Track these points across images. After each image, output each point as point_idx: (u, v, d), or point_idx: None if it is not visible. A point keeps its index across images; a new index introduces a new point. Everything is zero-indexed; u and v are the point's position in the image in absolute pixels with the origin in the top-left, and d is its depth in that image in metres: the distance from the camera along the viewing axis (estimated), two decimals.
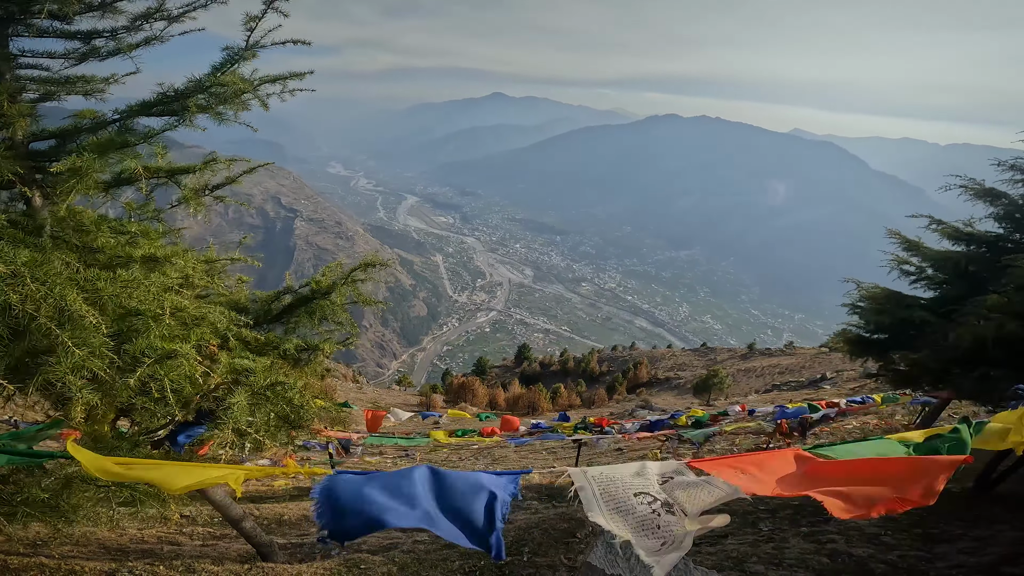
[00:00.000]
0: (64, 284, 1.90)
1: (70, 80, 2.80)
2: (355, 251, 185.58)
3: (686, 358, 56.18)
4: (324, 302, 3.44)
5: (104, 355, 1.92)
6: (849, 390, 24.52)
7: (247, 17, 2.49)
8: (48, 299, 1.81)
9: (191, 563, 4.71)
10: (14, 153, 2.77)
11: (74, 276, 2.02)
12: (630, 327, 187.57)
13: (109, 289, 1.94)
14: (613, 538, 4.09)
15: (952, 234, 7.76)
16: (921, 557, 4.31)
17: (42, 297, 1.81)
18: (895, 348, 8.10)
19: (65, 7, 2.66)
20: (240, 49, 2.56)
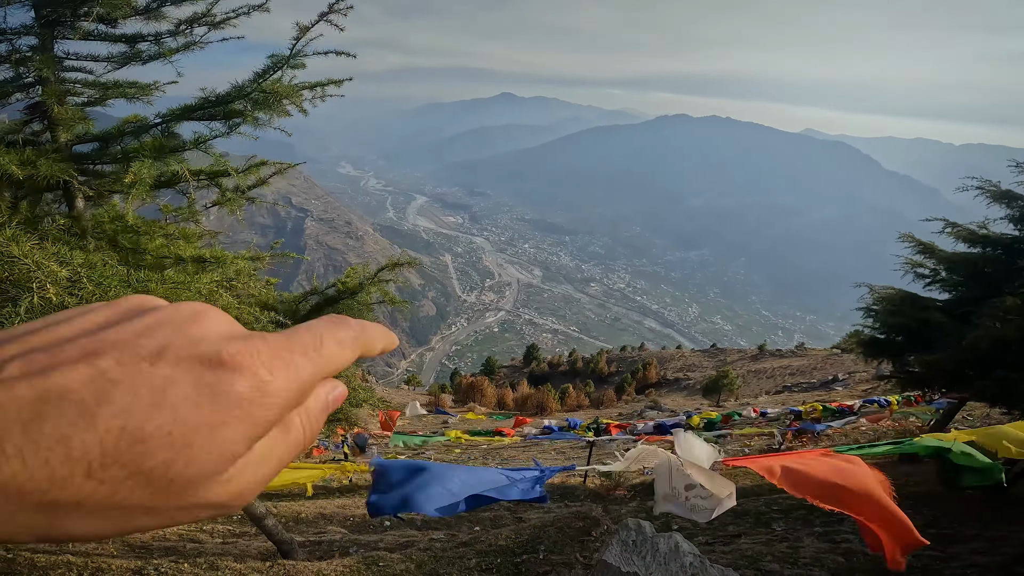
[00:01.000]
0: (118, 286, 2.00)
1: (115, 84, 2.90)
2: (365, 251, 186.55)
3: (696, 359, 55.95)
4: (351, 302, 3.54)
5: None
6: (861, 391, 24.36)
7: (297, 27, 2.56)
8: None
9: (214, 560, 4.84)
10: (60, 156, 2.88)
11: (126, 278, 2.12)
12: (639, 327, 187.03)
13: (160, 291, 2.04)
14: (629, 533, 4.16)
15: (967, 236, 7.73)
16: (935, 556, 4.34)
17: (98, 300, 1.91)
18: (909, 350, 8.08)
19: (113, 11, 2.77)
20: (284, 57, 2.65)
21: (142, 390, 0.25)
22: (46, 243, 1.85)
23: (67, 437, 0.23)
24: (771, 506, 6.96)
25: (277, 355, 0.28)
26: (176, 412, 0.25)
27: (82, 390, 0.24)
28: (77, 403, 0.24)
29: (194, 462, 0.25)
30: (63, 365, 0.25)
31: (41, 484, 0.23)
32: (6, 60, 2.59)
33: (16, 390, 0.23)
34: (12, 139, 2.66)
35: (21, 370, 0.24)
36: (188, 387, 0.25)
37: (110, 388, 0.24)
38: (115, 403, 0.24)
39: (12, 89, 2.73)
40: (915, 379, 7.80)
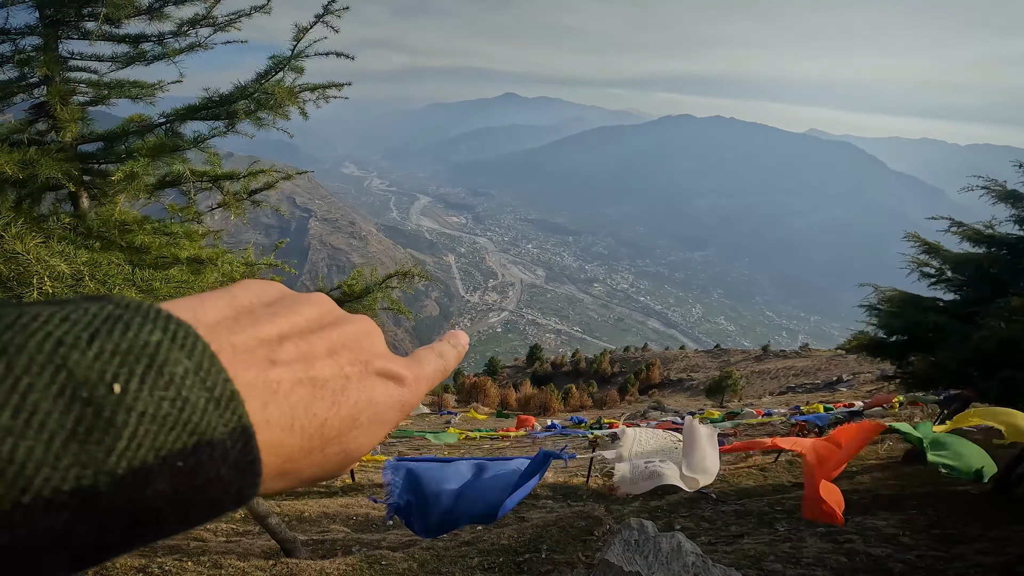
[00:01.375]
0: (122, 285, 2.01)
1: (119, 84, 2.92)
2: (368, 251, 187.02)
3: (699, 359, 55.86)
4: (355, 305, 3.55)
5: None
6: (866, 392, 24.26)
7: (296, 28, 2.58)
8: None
9: (217, 559, 4.86)
10: (64, 155, 2.90)
11: (130, 276, 2.13)
12: (643, 328, 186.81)
13: (164, 290, 2.05)
14: (631, 532, 4.16)
15: (972, 236, 7.70)
16: (939, 557, 4.33)
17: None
18: (913, 351, 8.06)
19: (117, 11, 2.79)
20: (285, 58, 2.67)
21: (363, 389, 0.30)
22: (51, 242, 1.86)
23: (326, 420, 0.28)
24: (774, 506, 6.95)
25: (418, 378, 0.35)
26: (376, 409, 0.31)
27: (333, 381, 0.29)
28: (331, 392, 0.28)
29: (370, 443, 0.32)
30: (319, 358, 0.29)
31: (299, 454, 0.27)
32: (10, 60, 2.62)
33: (297, 372, 0.27)
34: (17, 139, 2.69)
35: (292, 355, 0.28)
36: (383, 391, 0.32)
37: (347, 383, 0.30)
38: (350, 396, 0.29)
39: (17, 89, 2.75)
40: (919, 380, 7.77)
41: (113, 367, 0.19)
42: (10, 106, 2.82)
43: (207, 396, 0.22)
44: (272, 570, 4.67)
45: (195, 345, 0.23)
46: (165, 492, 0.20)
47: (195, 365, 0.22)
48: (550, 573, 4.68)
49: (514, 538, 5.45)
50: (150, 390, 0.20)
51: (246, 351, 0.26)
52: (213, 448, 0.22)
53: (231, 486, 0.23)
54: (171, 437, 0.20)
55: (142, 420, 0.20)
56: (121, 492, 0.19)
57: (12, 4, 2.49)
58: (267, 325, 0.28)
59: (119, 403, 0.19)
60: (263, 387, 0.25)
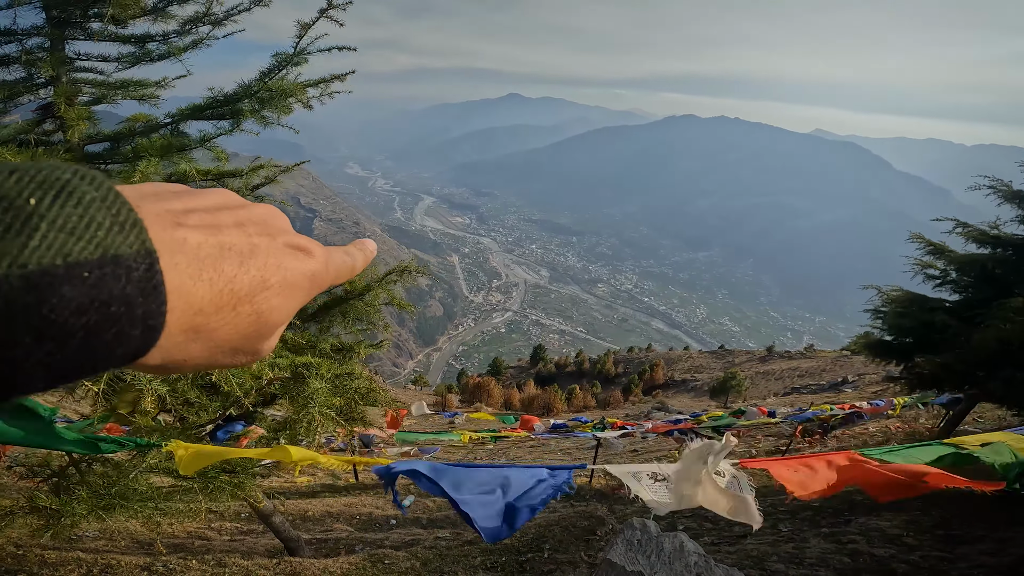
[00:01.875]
0: None
1: (124, 84, 2.94)
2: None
3: (703, 360, 55.75)
4: (359, 303, 3.57)
5: None
6: (871, 393, 24.15)
7: (299, 24, 2.59)
8: None
9: (221, 557, 4.89)
10: (71, 156, 2.92)
11: None
12: (646, 328, 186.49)
13: None
14: (634, 532, 4.16)
15: (977, 237, 7.67)
16: (943, 557, 4.31)
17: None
18: (918, 352, 8.03)
19: (122, 11, 2.82)
20: (289, 55, 2.69)
21: (272, 254, 0.34)
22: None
23: (235, 276, 0.31)
24: (777, 507, 6.93)
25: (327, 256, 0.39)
26: (286, 273, 0.34)
27: (240, 245, 0.32)
28: (239, 254, 0.31)
29: (283, 309, 0.34)
30: (226, 227, 0.32)
31: (209, 309, 0.30)
32: (17, 61, 2.64)
33: (204, 235, 0.30)
34: (24, 139, 2.71)
35: (199, 222, 0.30)
36: (292, 260, 0.35)
37: (255, 248, 0.33)
38: (258, 259, 0.32)
39: (24, 90, 2.77)
40: (924, 381, 7.74)
41: (30, 188, 0.22)
42: (17, 107, 2.84)
43: (112, 219, 0.24)
44: (276, 569, 4.70)
45: (102, 183, 0.25)
46: (72, 300, 0.22)
47: (101, 195, 0.24)
48: (552, 572, 4.69)
49: (517, 537, 5.46)
50: (60, 206, 0.23)
51: (154, 215, 0.28)
52: (117, 263, 0.24)
53: (136, 307, 0.25)
54: (78, 246, 0.22)
55: (52, 227, 0.22)
56: (30, 289, 0.21)
57: (19, 5, 2.51)
58: (174, 202, 0.31)
59: (33, 212, 0.22)
60: (171, 239, 0.28)
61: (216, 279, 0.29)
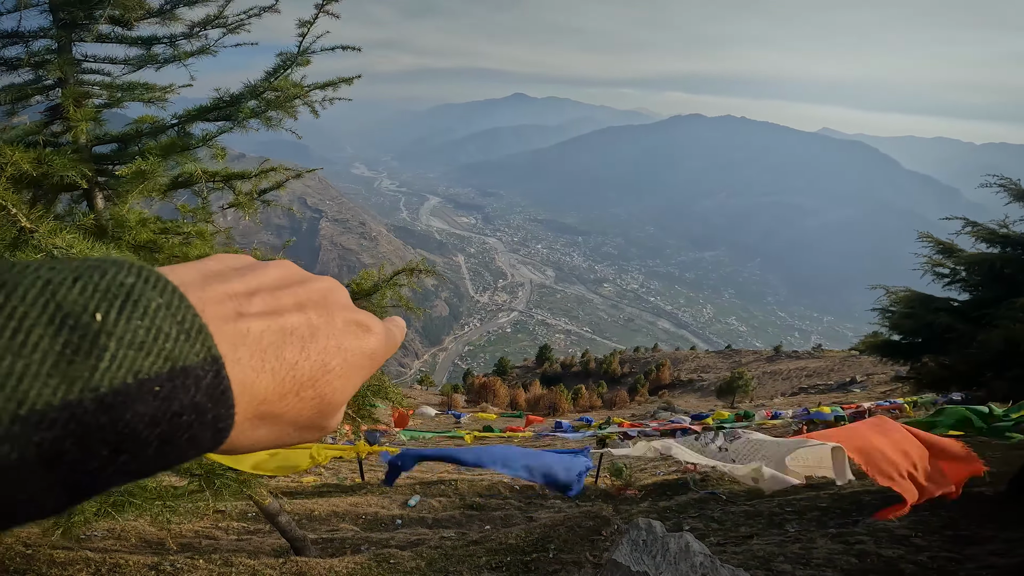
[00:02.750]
0: None
1: (131, 86, 2.96)
2: (378, 251, 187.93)
3: (710, 360, 55.55)
4: (364, 303, 3.58)
5: None
6: (879, 394, 24.01)
7: (300, 23, 2.61)
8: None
9: (228, 556, 4.91)
10: (79, 156, 2.95)
11: None
12: (653, 328, 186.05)
13: None
14: (639, 532, 4.15)
15: (986, 236, 7.59)
16: (951, 558, 4.28)
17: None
18: (926, 351, 7.96)
19: (128, 12, 2.84)
20: (293, 54, 2.70)
21: (331, 336, 0.33)
22: (80, 240, 1.89)
23: (296, 363, 0.31)
24: (784, 507, 6.90)
25: (385, 331, 0.38)
26: (346, 354, 0.34)
27: (301, 329, 0.32)
28: (300, 339, 0.31)
29: (344, 389, 0.34)
30: (287, 310, 0.32)
31: (273, 397, 0.30)
32: (25, 64, 2.66)
33: (266, 321, 0.30)
34: (32, 140, 2.74)
35: (261, 307, 0.31)
36: (352, 339, 0.35)
37: (315, 331, 0.32)
38: (319, 342, 0.32)
39: (32, 91, 2.80)
40: (932, 381, 7.68)
41: (95, 301, 0.22)
42: (25, 108, 2.87)
43: (178, 327, 0.25)
44: (282, 568, 4.72)
45: (165, 286, 0.25)
46: (145, 415, 0.23)
47: (166, 301, 0.25)
48: (557, 573, 4.68)
49: (522, 538, 5.46)
50: (127, 319, 0.23)
51: (216, 302, 0.28)
52: (187, 374, 0.24)
53: (206, 413, 0.25)
54: (148, 362, 0.23)
55: (121, 344, 0.22)
56: (104, 411, 0.22)
57: (26, 7, 2.53)
58: (236, 283, 0.31)
59: (101, 329, 0.22)
60: (233, 331, 0.28)
61: (278, 368, 0.30)
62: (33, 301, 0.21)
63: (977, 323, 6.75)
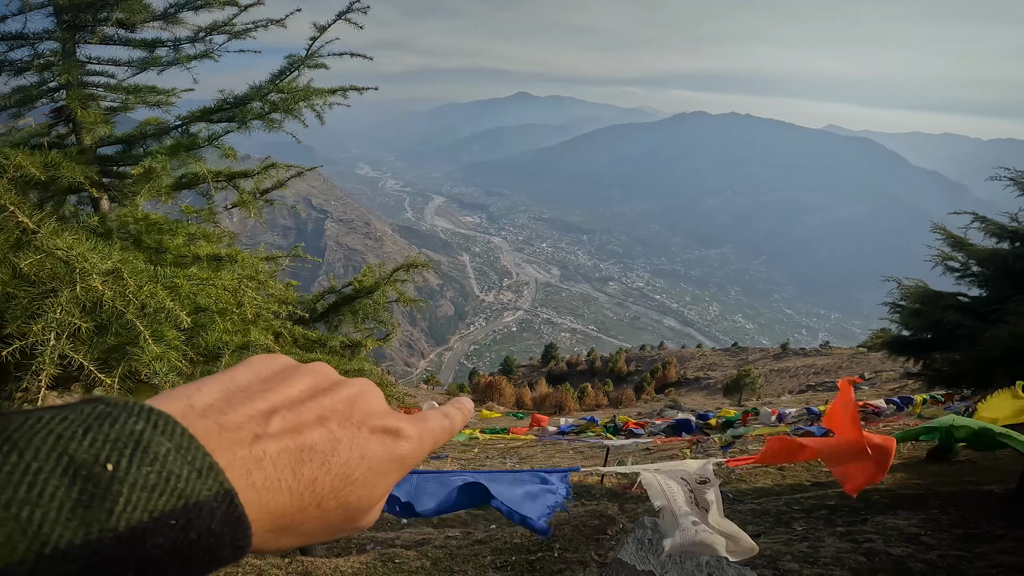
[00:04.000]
0: (148, 282, 2.06)
1: (136, 89, 2.97)
2: (383, 251, 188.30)
3: (716, 358, 55.37)
4: (367, 301, 3.59)
5: (180, 348, 2.07)
6: (888, 391, 23.84)
7: (315, 26, 2.60)
8: (138, 296, 1.97)
9: None
10: (84, 158, 2.96)
11: (154, 274, 2.17)
12: (658, 326, 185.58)
13: (187, 286, 2.09)
14: (645, 531, 4.14)
15: (996, 231, 7.53)
16: (961, 556, 4.24)
17: (132, 294, 1.96)
18: (936, 348, 7.90)
19: (132, 15, 2.85)
20: (300, 58, 2.70)
21: (355, 448, 0.34)
22: (83, 240, 1.90)
23: (316, 479, 0.32)
24: (791, 505, 6.86)
25: (421, 432, 0.39)
26: (371, 464, 0.35)
27: (322, 444, 0.33)
28: (320, 454, 0.33)
29: (371, 496, 0.36)
30: (308, 425, 0.33)
31: (292, 511, 0.31)
32: (30, 67, 2.68)
33: (284, 441, 0.32)
34: (38, 142, 2.75)
35: (281, 427, 0.32)
36: (377, 447, 0.36)
37: (337, 444, 0.34)
38: (340, 455, 0.34)
39: (37, 94, 2.81)
40: (942, 378, 7.62)
41: (106, 451, 0.25)
42: (31, 110, 2.88)
43: (189, 468, 0.27)
44: (288, 568, 4.73)
45: (175, 430, 0.27)
46: (163, 544, 0.25)
47: (175, 445, 0.27)
48: (562, 572, 4.67)
49: (527, 537, 5.46)
50: (138, 466, 0.25)
51: (234, 428, 0.30)
52: (200, 508, 0.26)
53: (223, 537, 0.27)
54: (161, 501, 0.25)
55: (134, 489, 0.24)
56: (123, 545, 0.24)
57: (31, 10, 2.54)
58: (259, 401, 0.33)
59: (113, 478, 0.24)
60: (247, 458, 0.30)
61: (295, 486, 0.31)
62: (46, 456, 0.24)
63: (987, 319, 6.69)
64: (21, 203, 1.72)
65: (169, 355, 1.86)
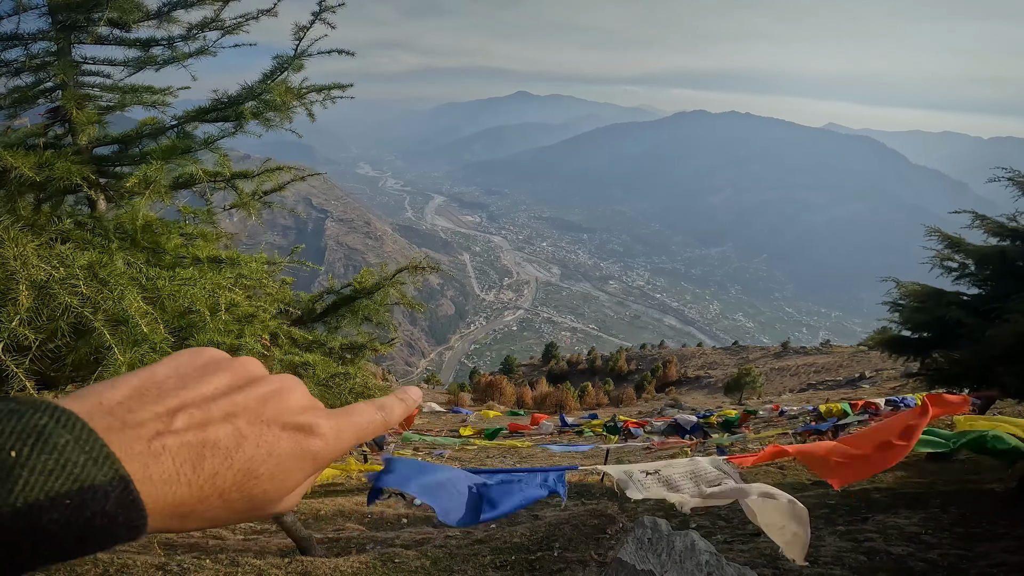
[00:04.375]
0: (125, 284, 2.04)
1: (132, 89, 2.96)
2: (384, 251, 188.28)
3: (717, 357, 55.32)
4: (367, 302, 3.58)
5: (165, 351, 2.05)
6: (889, 389, 23.81)
7: (296, 27, 2.61)
8: (107, 300, 1.95)
9: (235, 556, 4.93)
10: (80, 158, 2.95)
11: (136, 276, 2.16)
12: (659, 325, 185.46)
13: (168, 288, 2.08)
14: (645, 531, 4.13)
15: (996, 230, 7.52)
16: (962, 556, 4.23)
17: (101, 298, 1.94)
18: (936, 346, 7.89)
19: (126, 15, 2.84)
20: (288, 57, 2.69)
21: (261, 444, 0.36)
22: (56, 244, 1.90)
23: (217, 473, 0.34)
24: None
25: (339, 428, 0.41)
26: (278, 460, 0.37)
27: (226, 440, 0.35)
28: (223, 450, 0.35)
29: (279, 490, 0.38)
30: (214, 422, 0.35)
31: (192, 502, 0.34)
32: (25, 68, 2.67)
33: (186, 437, 0.34)
34: (33, 142, 2.74)
35: (186, 423, 0.34)
36: (287, 443, 0.38)
37: (242, 441, 0.36)
38: (245, 451, 0.36)
39: (33, 94, 2.80)
40: (943, 376, 7.61)
41: (11, 441, 0.28)
42: (27, 110, 2.87)
43: (86, 457, 0.30)
44: (288, 568, 4.72)
45: (75, 424, 0.30)
46: (59, 520, 0.28)
47: (75, 437, 0.30)
48: (562, 571, 4.67)
49: (527, 536, 5.45)
50: (38, 453, 0.28)
51: (136, 425, 0.33)
52: (95, 491, 0.29)
53: (118, 518, 0.30)
54: (57, 483, 0.28)
55: (32, 472, 0.28)
56: (21, 519, 0.27)
57: (25, 10, 2.53)
58: (169, 399, 0.35)
59: (15, 462, 0.28)
60: (145, 452, 0.32)
61: (195, 479, 0.33)
62: None
63: (987, 317, 6.68)
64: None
65: (152, 359, 1.84)
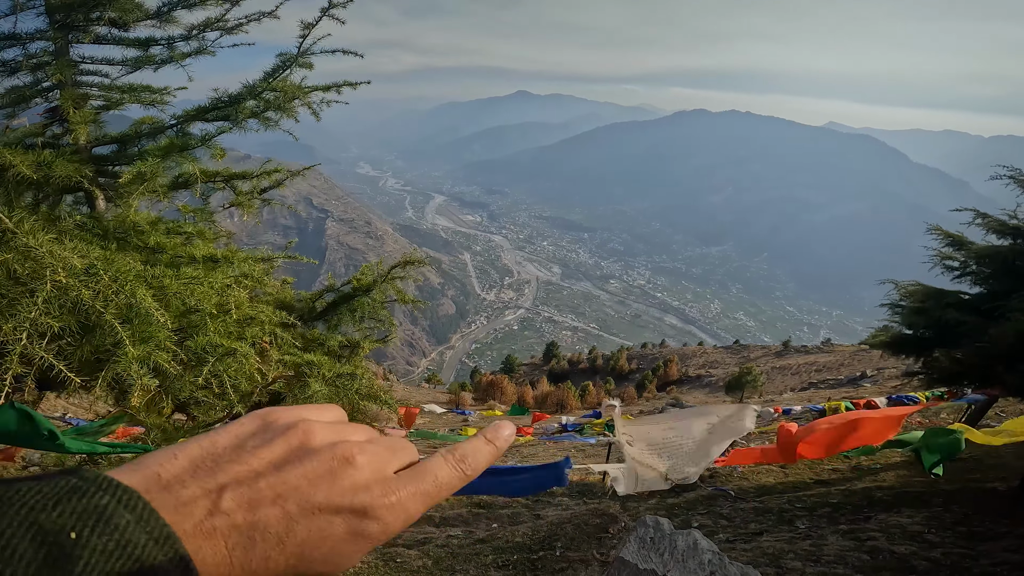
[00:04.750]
0: (134, 281, 2.04)
1: (131, 88, 2.95)
2: (384, 250, 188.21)
3: (718, 356, 55.27)
4: (365, 299, 3.57)
5: (169, 349, 2.05)
6: (891, 388, 23.78)
7: (302, 24, 2.59)
8: (119, 295, 1.95)
9: None
10: (79, 157, 2.94)
11: (142, 273, 2.15)
12: (660, 324, 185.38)
13: (174, 286, 2.07)
14: (647, 530, 4.12)
15: (997, 228, 7.49)
16: (965, 554, 4.21)
17: (113, 293, 1.94)
18: (937, 346, 7.86)
19: (125, 15, 2.83)
20: (293, 56, 2.68)
21: (313, 530, 0.35)
22: (64, 239, 1.89)
23: (269, 557, 0.34)
24: (794, 503, 6.84)
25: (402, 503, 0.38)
26: (332, 545, 0.36)
27: (277, 525, 0.34)
28: (275, 535, 0.34)
29: (334, 568, 0.36)
30: (263, 504, 0.34)
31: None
32: (23, 67, 2.66)
33: (235, 519, 0.33)
34: (32, 142, 2.73)
35: (235, 503, 0.34)
36: (341, 528, 0.36)
37: (294, 526, 0.35)
38: (297, 536, 0.34)
39: (31, 94, 2.79)
40: (944, 376, 7.58)
41: (72, 521, 0.28)
42: (25, 110, 2.86)
43: (147, 536, 0.30)
44: None
45: (137, 503, 0.30)
46: None
47: (136, 517, 0.30)
48: (564, 571, 4.65)
49: (529, 536, 5.44)
50: (99, 535, 0.28)
51: (189, 502, 0.33)
52: (155, 570, 0.29)
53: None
54: (118, 564, 0.28)
55: (93, 553, 0.28)
56: None
57: (23, 10, 2.52)
58: (219, 474, 0.35)
59: (75, 544, 0.28)
60: (198, 533, 0.32)
61: (247, 561, 0.33)
62: (19, 524, 0.27)
63: (988, 316, 6.66)
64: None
65: (158, 356, 1.84)
